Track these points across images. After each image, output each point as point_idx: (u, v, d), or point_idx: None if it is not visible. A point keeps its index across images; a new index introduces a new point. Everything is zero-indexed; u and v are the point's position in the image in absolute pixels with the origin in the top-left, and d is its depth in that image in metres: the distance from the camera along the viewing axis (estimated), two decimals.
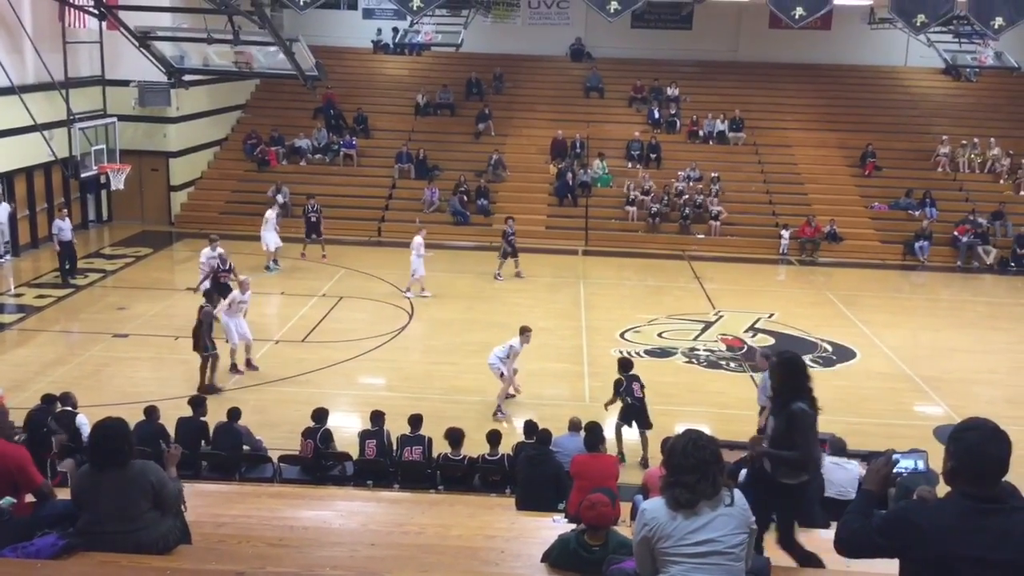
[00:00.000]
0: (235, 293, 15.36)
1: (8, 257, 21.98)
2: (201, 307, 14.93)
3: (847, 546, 3.95)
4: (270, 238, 21.61)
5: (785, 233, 25.49)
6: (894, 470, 4.45)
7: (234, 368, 15.22)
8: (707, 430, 4.49)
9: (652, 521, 4.10)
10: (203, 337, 14.31)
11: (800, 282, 23.80)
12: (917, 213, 26.70)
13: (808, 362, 16.50)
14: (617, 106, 31.39)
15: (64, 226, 20.63)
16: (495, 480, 10.59)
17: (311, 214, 22.95)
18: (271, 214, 22.01)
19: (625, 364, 13.15)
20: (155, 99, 24.81)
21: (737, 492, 4.19)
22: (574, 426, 10.55)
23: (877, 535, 3.76)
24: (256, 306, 18.89)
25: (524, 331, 14.41)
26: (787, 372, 6.38)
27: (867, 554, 3.89)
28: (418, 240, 19.84)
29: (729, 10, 30.72)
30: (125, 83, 24.72)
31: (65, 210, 22.28)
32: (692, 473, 4.07)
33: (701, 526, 4.04)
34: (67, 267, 20.58)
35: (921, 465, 9.87)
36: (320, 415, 11.16)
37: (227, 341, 15.11)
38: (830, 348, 17.69)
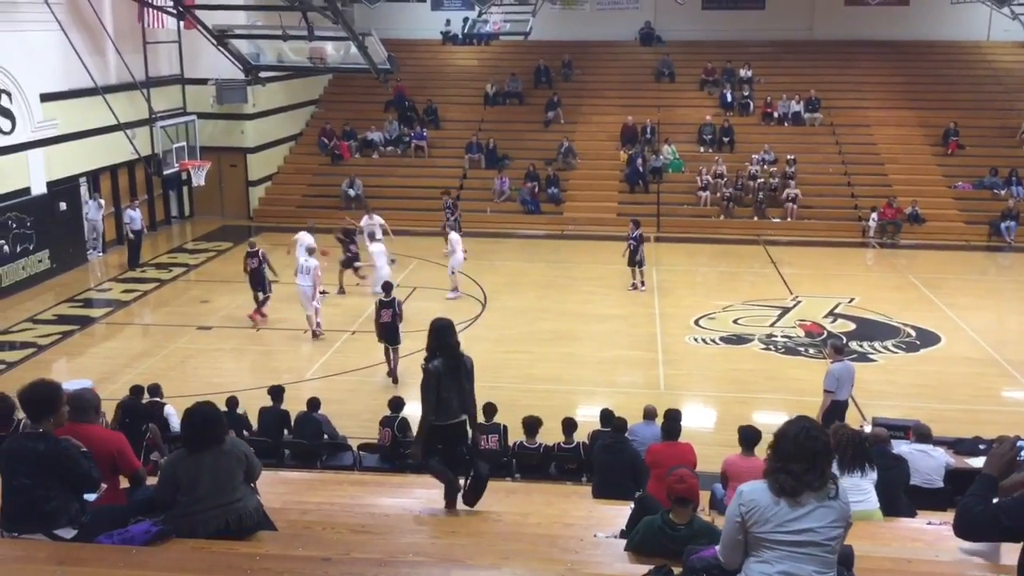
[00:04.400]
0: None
1: (99, 253, 22.78)
2: (394, 299, 15.04)
3: (969, 529, 3.95)
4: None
5: (874, 215, 24.88)
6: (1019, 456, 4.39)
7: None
8: (785, 418, 4.44)
9: (750, 503, 4.06)
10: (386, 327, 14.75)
11: (881, 265, 23.23)
12: (1003, 192, 25.79)
13: (891, 347, 16.25)
14: (688, 90, 30.99)
15: (135, 216, 21.68)
16: (571, 468, 10.60)
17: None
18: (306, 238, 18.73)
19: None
20: (232, 96, 25.38)
21: (842, 485, 4.13)
22: (649, 414, 10.50)
23: (1004, 517, 3.75)
24: (333, 298, 19.30)
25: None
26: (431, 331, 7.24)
27: (989, 536, 3.93)
28: (456, 236, 19.67)
29: None
30: (203, 81, 25.34)
31: (136, 201, 23.19)
32: (801, 462, 4.02)
33: (802, 515, 4.00)
34: (133, 256, 21.79)
35: None
36: (396, 403, 11.32)
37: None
38: (913, 333, 17.24)
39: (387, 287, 15.11)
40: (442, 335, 7.25)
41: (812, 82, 29.96)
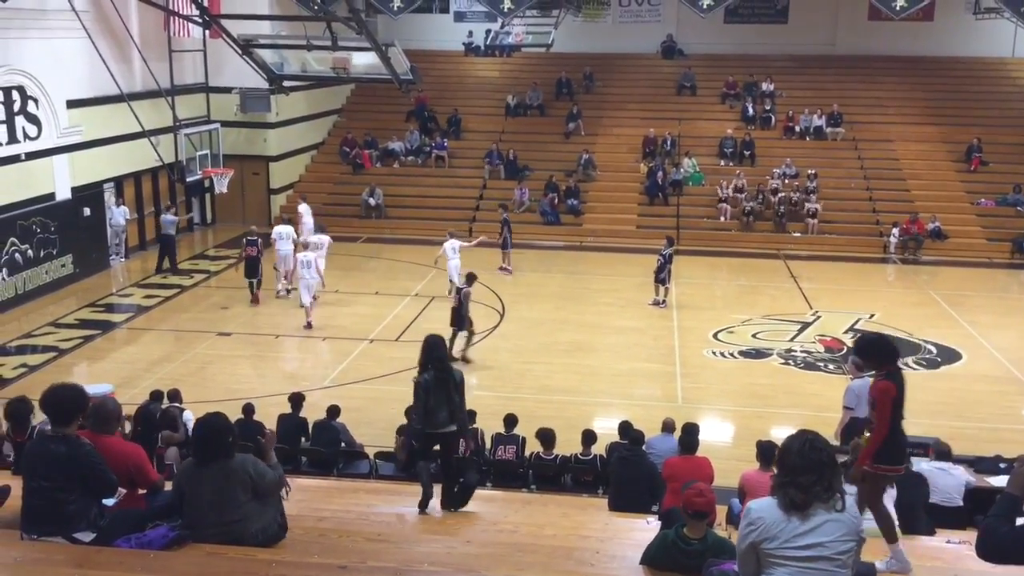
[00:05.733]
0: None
1: (120, 258, 22.98)
2: (459, 288, 16.41)
3: (994, 551, 3.88)
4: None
5: (895, 231, 24.74)
6: None
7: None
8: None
9: (758, 521, 4.05)
10: (463, 316, 15.82)
11: (903, 281, 23.09)
12: None
13: (911, 364, 16.12)
14: (710, 103, 30.96)
15: (171, 220, 22.17)
16: (587, 480, 10.58)
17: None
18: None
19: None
20: (256, 105, 25.60)
21: (849, 498, 4.11)
22: (668, 427, 10.47)
23: None
24: (351, 305, 19.43)
25: None
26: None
27: (1015, 559, 3.82)
28: (454, 244, 19.87)
29: (827, 2, 30.06)
30: (227, 90, 25.57)
31: (173, 208, 23.56)
32: (808, 474, 4.00)
33: (809, 529, 3.98)
34: (165, 259, 22.06)
35: None
36: (409, 414, 11.32)
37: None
38: (934, 350, 17.11)
39: (470, 277, 16.44)
40: (433, 350, 7.78)
41: (834, 96, 29.86)
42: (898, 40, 30.79)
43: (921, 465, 9.01)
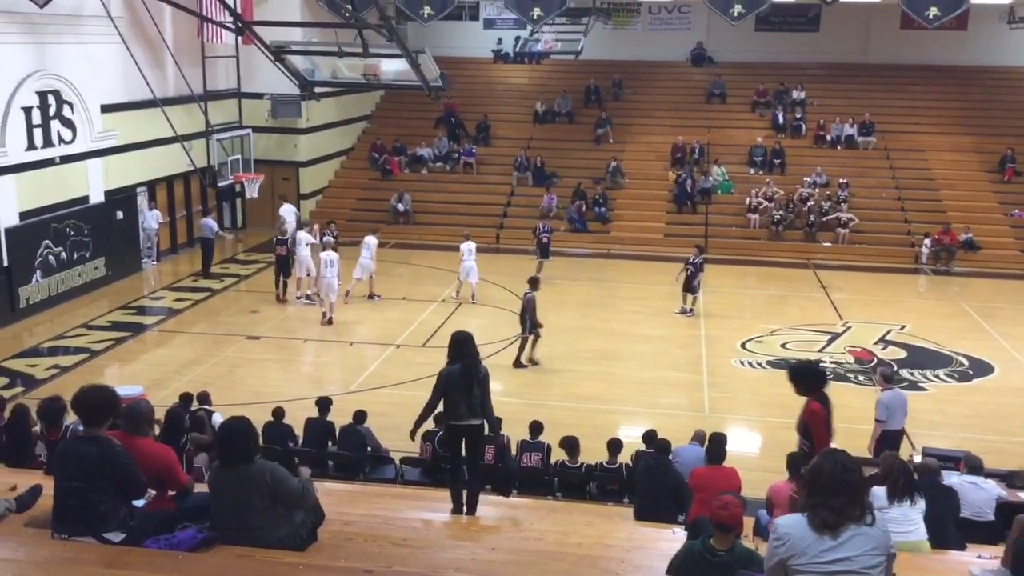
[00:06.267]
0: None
1: (152, 261, 23.23)
2: (525, 293, 16.40)
3: None
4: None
5: (927, 241, 24.49)
6: None
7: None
8: (833, 446, 4.39)
9: (786, 537, 4.02)
10: (529, 319, 16.04)
11: (934, 292, 22.83)
12: None
13: (942, 377, 15.95)
14: (739, 111, 30.83)
15: (211, 224, 22.48)
16: (613, 489, 10.54)
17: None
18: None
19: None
20: (287, 111, 25.83)
21: (878, 513, 4.07)
22: (699, 438, 10.41)
23: None
24: (379, 310, 19.52)
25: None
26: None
27: None
28: (469, 245, 20.37)
29: (859, 11, 29.80)
30: (259, 96, 25.81)
31: (213, 214, 23.93)
32: (840, 496, 3.97)
33: (837, 544, 3.94)
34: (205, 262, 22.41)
35: None
36: (439, 418, 11.34)
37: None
38: (966, 362, 16.89)
39: (534, 282, 16.66)
40: (460, 345, 8.04)
41: (866, 105, 29.63)
42: (931, 49, 30.51)
43: (952, 479, 8.90)
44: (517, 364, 16.18)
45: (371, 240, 20.26)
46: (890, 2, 22.02)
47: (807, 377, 6.63)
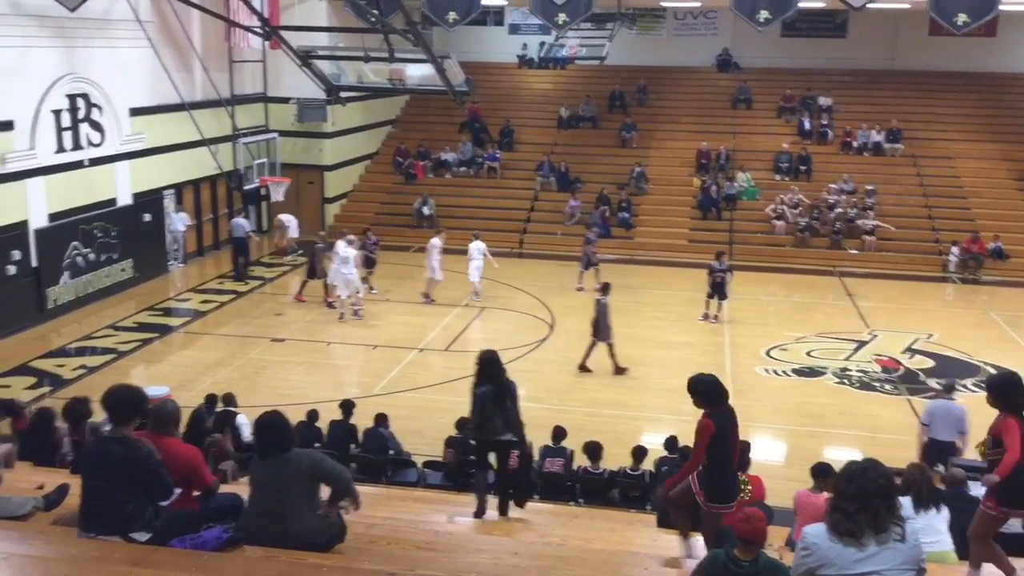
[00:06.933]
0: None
1: (179, 263, 23.43)
2: (597, 299, 16.43)
3: None
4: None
5: (955, 249, 24.26)
6: None
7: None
8: (858, 455, 4.36)
9: (813, 547, 3.99)
10: (602, 326, 16.12)
11: (962, 301, 22.59)
12: None
13: (969, 386, 15.77)
14: (765, 117, 30.68)
15: (243, 224, 22.67)
16: (635, 496, 10.50)
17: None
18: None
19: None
20: (313, 115, 25.97)
21: (909, 527, 4.03)
22: None
23: None
24: (401, 315, 19.58)
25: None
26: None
27: None
28: (479, 245, 20.69)
29: (887, 17, 29.56)
30: (285, 100, 25.98)
31: (245, 212, 24.13)
32: (851, 501, 3.95)
33: (866, 557, 3.91)
34: (240, 262, 22.52)
35: None
36: (462, 424, 11.36)
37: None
38: (994, 372, 16.68)
39: (605, 287, 16.63)
40: (488, 366, 8.47)
41: (893, 112, 29.41)
42: (960, 56, 30.22)
43: (980, 490, 8.78)
44: (619, 371, 16.24)
45: (436, 242, 20.57)
46: (919, 8, 21.80)
47: (707, 390, 6.53)
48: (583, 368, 16.29)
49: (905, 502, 7.01)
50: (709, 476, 6.56)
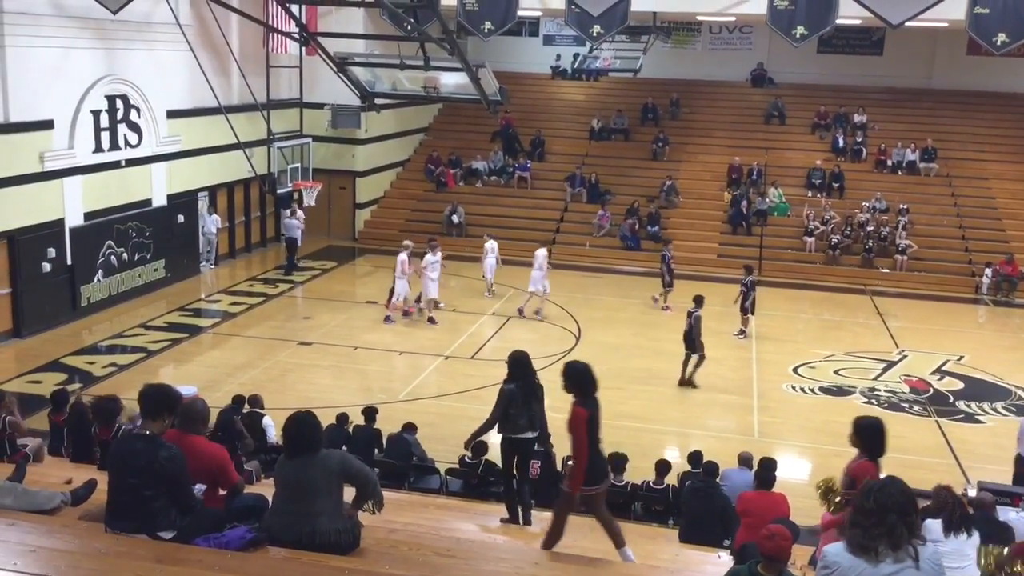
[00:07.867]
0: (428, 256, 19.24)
1: (210, 265, 23.68)
2: (690, 312, 16.50)
3: None
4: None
5: (988, 271, 23.96)
6: None
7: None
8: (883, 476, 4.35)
9: (834, 565, 3.97)
10: (695, 339, 16.19)
11: (994, 323, 22.30)
12: None
13: (1000, 410, 15.53)
14: (799, 133, 30.51)
15: (294, 224, 23.46)
16: (658, 510, 10.45)
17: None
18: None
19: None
20: (347, 121, 26.18)
21: (924, 549, 3.99)
22: (745, 461, 10.28)
23: None
24: (427, 322, 19.58)
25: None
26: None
27: None
28: (492, 244, 21.13)
29: (924, 35, 29.29)
30: (320, 106, 26.20)
31: (297, 210, 24.47)
32: (868, 516, 3.93)
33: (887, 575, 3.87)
34: (293, 259, 23.54)
35: None
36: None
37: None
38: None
39: (699, 300, 16.60)
40: (519, 365, 8.63)
41: (929, 131, 29.12)
42: (997, 75, 29.91)
43: (1009, 515, 8.68)
44: (683, 383, 16.32)
45: (541, 252, 20.56)
46: (957, 27, 21.60)
47: (579, 379, 6.95)
48: (687, 383, 16.32)
49: (935, 525, 6.92)
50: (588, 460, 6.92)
